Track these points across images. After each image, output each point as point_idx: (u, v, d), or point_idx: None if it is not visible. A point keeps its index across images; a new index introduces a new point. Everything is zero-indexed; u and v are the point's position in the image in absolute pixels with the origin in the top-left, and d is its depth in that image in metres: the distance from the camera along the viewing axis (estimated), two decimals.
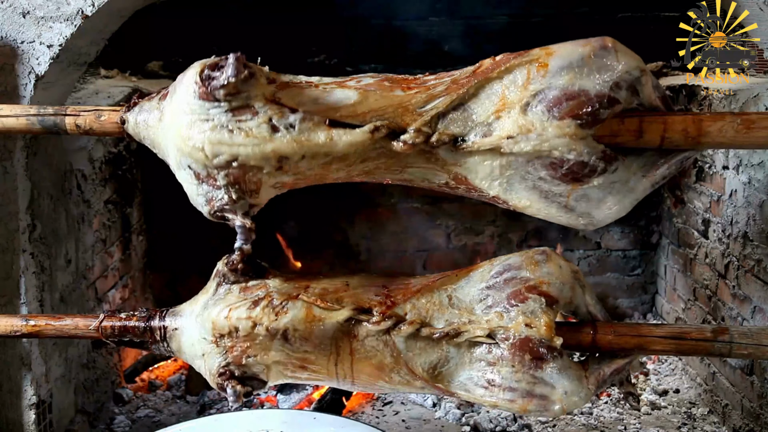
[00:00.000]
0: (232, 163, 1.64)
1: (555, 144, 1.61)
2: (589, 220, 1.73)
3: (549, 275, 1.75)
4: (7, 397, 2.27)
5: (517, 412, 1.75)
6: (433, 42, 3.30)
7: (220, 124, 1.63)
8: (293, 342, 1.74)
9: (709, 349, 1.80)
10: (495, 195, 1.71)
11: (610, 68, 1.62)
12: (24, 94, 2.16)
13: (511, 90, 1.65)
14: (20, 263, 2.23)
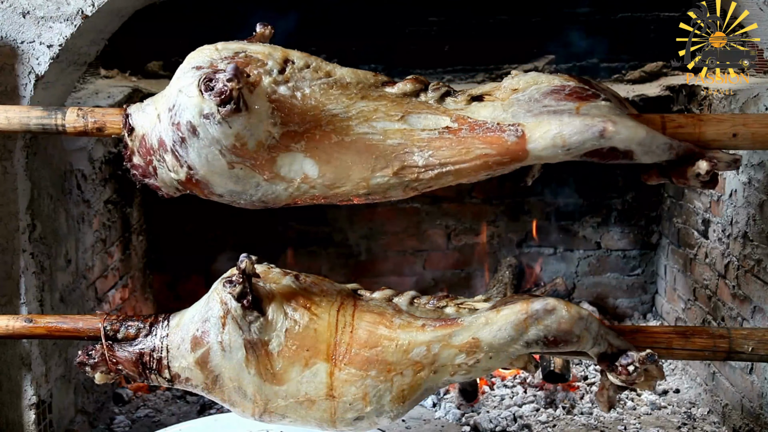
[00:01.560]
0: (239, 53, 1.75)
1: (551, 78, 1.77)
2: (607, 119, 1.71)
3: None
4: (7, 397, 2.27)
5: (522, 312, 1.78)
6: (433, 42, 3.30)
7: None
8: (303, 282, 1.87)
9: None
10: (500, 122, 1.75)
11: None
12: (24, 94, 2.16)
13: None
14: (20, 263, 2.23)
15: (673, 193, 3.38)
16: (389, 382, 1.77)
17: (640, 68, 3.22)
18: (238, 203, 1.82)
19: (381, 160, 1.74)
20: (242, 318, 1.75)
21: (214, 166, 1.73)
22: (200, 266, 3.48)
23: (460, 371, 1.78)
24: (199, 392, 1.86)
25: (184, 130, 1.70)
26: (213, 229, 3.52)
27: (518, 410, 2.81)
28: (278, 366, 1.78)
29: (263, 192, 1.78)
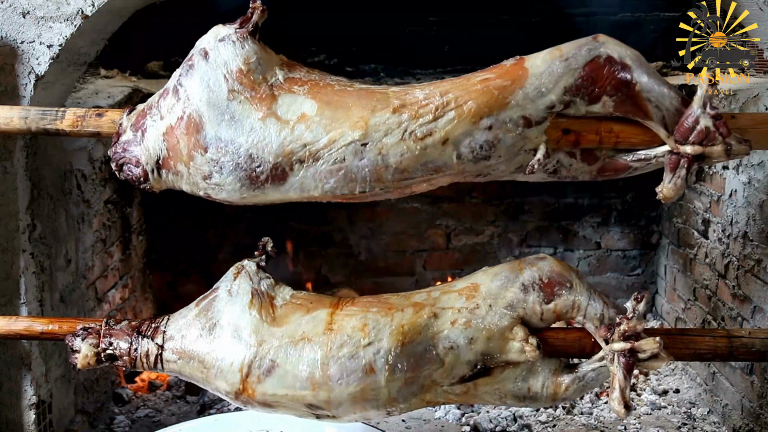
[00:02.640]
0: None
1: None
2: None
3: None
4: (7, 397, 2.27)
5: (516, 261, 1.88)
6: (433, 42, 3.30)
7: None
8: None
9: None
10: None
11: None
12: (24, 94, 2.16)
13: None
14: (20, 263, 2.23)
15: None
16: (389, 317, 1.77)
17: None
18: (220, 175, 1.74)
19: (382, 101, 1.72)
20: (255, 273, 1.85)
21: (213, 93, 1.72)
22: (200, 266, 3.48)
23: (461, 319, 1.75)
24: (185, 353, 1.82)
25: (195, 59, 1.75)
26: (213, 229, 3.52)
27: (518, 410, 2.81)
28: (279, 312, 1.81)
29: (253, 141, 1.70)
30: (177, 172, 1.79)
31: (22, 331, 1.95)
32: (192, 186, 1.79)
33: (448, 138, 1.69)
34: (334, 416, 1.80)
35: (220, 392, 1.82)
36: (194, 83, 1.73)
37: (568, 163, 1.77)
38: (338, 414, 1.79)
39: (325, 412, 1.78)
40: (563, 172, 1.78)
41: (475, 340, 1.75)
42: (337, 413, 1.78)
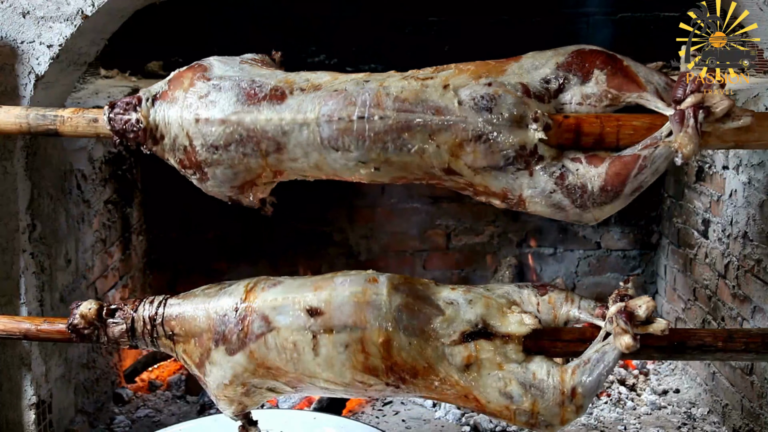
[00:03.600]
0: None
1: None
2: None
3: None
4: (7, 397, 2.27)
5: None
6: (433, 42, 3.30)
7: None
8: None
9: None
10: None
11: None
12: (24, 94, 2.16)
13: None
14: (20, 263, 2.23)
15: (673, 193, 3.38)
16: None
17: None
18: (217, 93, 1.78)
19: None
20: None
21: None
22: (200, 266, 3.49)
23: (460, 290, 1.88)
24: (188, 294, 1.88)
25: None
26: (213, 229, 3.52)
27: None
28: None
29: (259, 72, 1.81)
30: (173, 98, 1.79)
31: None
32: (183, 110, 1.76)
33: (449, 84, 1.71)
34: (331, 329, 1.73)
35: (220, 312, 1.79)
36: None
37: (575, 168, 1.73)
38: (336, 319, 1.73)
39: (324, 319, 1.74)
40: (570, 179, 1.72)
41: (474, 302, 1.77)
42: (337, 319, 1.73)
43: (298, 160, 1.73)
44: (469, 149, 1.69)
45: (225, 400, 1.82)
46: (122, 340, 1.85)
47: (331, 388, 1.79)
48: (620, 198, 1.74)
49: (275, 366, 1.76)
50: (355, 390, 1.78)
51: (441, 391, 1.76)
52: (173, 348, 1.84)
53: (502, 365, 1.73)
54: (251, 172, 1.77)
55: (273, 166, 1.75)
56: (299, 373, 1.76)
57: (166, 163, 1.85)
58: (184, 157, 1.77)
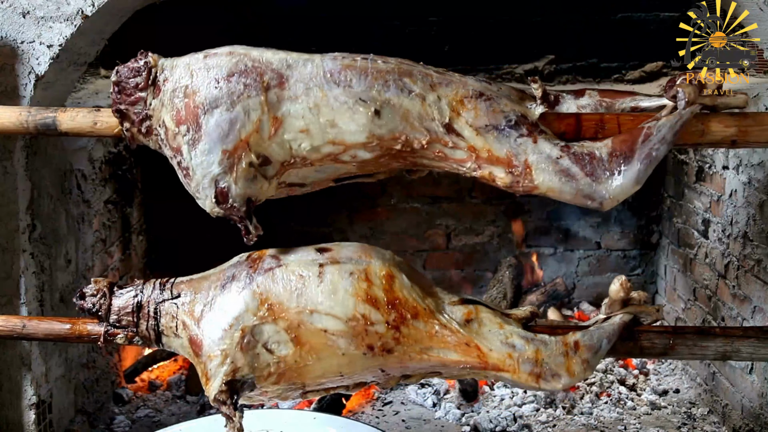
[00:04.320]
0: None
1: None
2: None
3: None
4: (7, 397, 2.27)
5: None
6: (433, 42, 3.30)
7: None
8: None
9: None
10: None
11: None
12: (24, 94, 2.16)
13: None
14: (20, 263, 2.23)
15: (673, 193, 3.38)
16: None
17: (640, 68, 3.22)
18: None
19: None
20: None
21: None
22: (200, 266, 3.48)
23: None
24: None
25: None
26: (213, 229, 3.51)
27: (518, 410, 2.81)
28: None
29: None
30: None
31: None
32: (191, 55, 1.79)
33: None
34: (337, 261, 1.78)
35: (231, 262, 1.90)
36: None
37: (579, 143, 1.69)
38: (343, 255, 1.78)
39: (332, 254, 1.79)
40: (576, 148, 1.67)
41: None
42: (344, 255, 1.78)
43: (298, 99, 1.68)
44: (470, 106, 1.68)
45: (219, 356, 1.73)
46: (126, 311, 1.82)
47: (330, 329, 1.71)
48: (632, 164, 1.63)
49: (278, 301, 1.72)
50: (355, 333, 1.70)
51: (442, 338, 1.71)
52: (176, 315, 1.80)
53: (503, 325, 1.72)
54: (248, 121, 1.68)
55: (272, 107, 1.68)
56: (301, 309, 1.71)
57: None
58: (182, 105, 1.72)
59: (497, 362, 1.69)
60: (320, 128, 1.68)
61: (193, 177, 1.72)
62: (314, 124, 1.68)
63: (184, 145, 1.71)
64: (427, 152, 1.69)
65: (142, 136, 1.78)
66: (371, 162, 1.71)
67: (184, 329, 1.79)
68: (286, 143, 1.69)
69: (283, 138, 1.68)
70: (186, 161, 1.71)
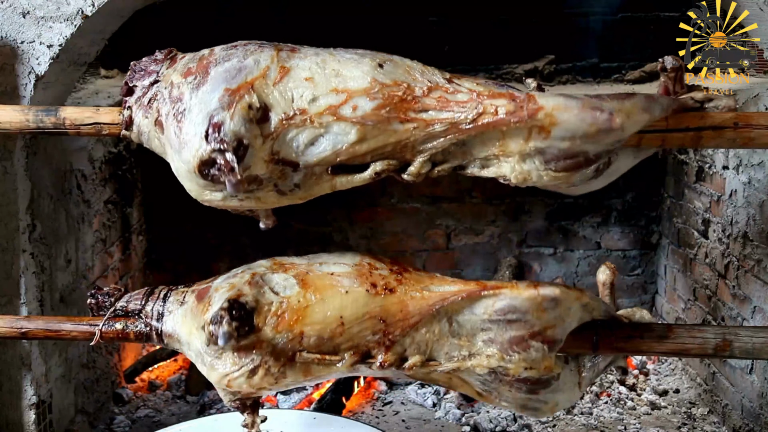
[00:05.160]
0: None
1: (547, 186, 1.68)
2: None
3: (555, 319, 1.71)
4: (7, 397, 2.27)
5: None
6: (433, 42, 3.30)
7: (229, 196, 1.69)
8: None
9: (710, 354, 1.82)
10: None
11: (615, 141, 1.62)
12: (24, 94, 2.16)
13: (511, 141, 1.65)
14: (20, 263, 2.23)
15: (673, 193, 3.38)
16: None
17: (640, 68, 3.22)
18: None
19: None
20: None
21: None
22: (200, 266, 3.48)
23: None
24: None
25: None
26: (213, 229, 3.52)
27: None
28: None
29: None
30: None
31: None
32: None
33: None
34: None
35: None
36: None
37: None
38: None
39: None
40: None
41: None
42: None
43: (307, 57, 1.70)
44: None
45: (226, 286, 1.73)
46: (136, 296, 1.84)
47: (337, 272, 1.75)
48: (631, 96, 1.64)
49: (290, 261, 1.85)
50: (360, 273, 1.74)
51: (442, 278, 1.77)
52: (184, 292, 1.81)
53: None
54: (256, 68, 1.66)
55: (282, 59, 1.68)
56: (311, 263, 1.81)
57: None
58: (195, 64, 1.70)
59: (495, 283, 1.73)
60: (325, 77, 1.66)
61: (187, 118, 1.65)
62: (319, 74, 1.67)
63: (187, 91, 1.67)
64: (429, 100, 1.66)
65: (142, 113, 1.74)
66: (371, 117, 1.64)
67: (192, 293, 1.80)
68: (289, 92, 1.65)
69: (287, 86, 1.65)
70: (185, 104, 1.66)
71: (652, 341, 1.80)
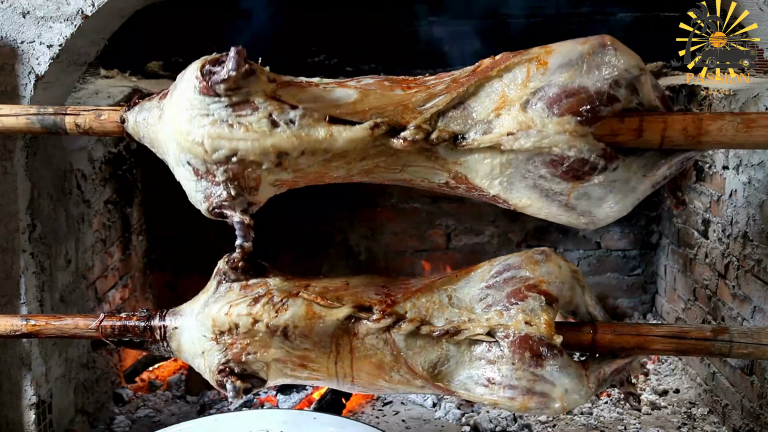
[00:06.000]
0: (232, 158, 1.65)
1: (555, 140, 1.62)
2: (590, 219, 1.73)
3: (548, 274, 1.77)
4: (7, 397, 2.27)
5: (518, 411, 1.75)
6: (433, 42, 3.30)
7: (220, 118, 1.64)
8: (293, 339, 1.75)
9: (709, 348, 1.80)
10: (495, 194, 1.72)
11: (610, 66, 1.64)
12: (24, 94, 2.16)
13: (510, 88, 1.66)
14: (20, 263, 2.23)
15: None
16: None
17: None
18: None
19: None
20: (246, 392, 1.79)
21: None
22: (200, 266, 3.47)
23: None
24: None
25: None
26: (213, 229, 3.51)
27: None
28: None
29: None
30: None
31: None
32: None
33: None
34: None
35: None
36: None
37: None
38: None
39: None
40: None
41: None
42: None
43: None
44: None
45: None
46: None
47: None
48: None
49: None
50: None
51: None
52: None
53: None
54: None
55: None
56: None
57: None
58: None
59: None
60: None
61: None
62: None
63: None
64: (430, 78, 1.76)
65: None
66: (373, 85, 1.70)
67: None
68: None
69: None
70: None
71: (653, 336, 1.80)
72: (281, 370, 1.79)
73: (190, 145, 1.66)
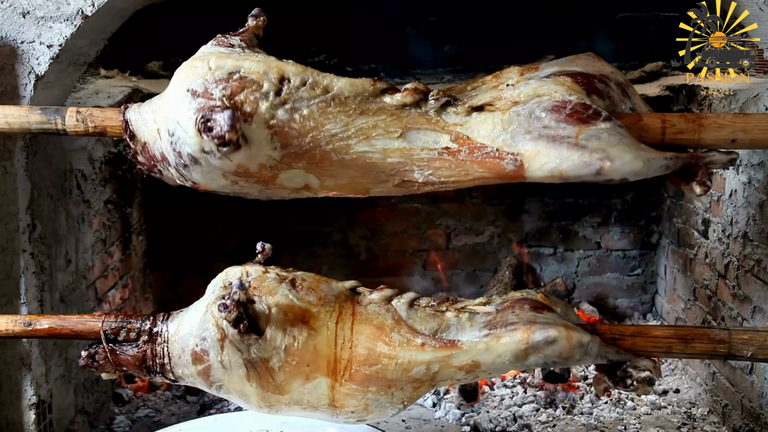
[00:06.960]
0: (233, 74, 1.70)
1: (554, 88, 1.71)
2: (604, 156, 1.67)
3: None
4: (7, 397, 2.27)
5: (523, 343, 1.74)
6: (433, 42, 3.30)
7: (232, 51, 1.77)
8: (300, 290, 1.82)
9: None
10: (499, 147, 1.73)
11: (600, 67, 1.82)
12: (24, 94, 2.16)
13: (508, 76, 1.82)
14: (20, 263, 2.23)
15: (673, 193, 3.38)
16: (390, 395, 1.80)
17: (640, 68, 3.22)
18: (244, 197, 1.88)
19: (381, 175, 1.79)
20: (240, 342, 1.74)
21: (218, 183, 1.78)
22: (201, 266, 3.48)
23: (459, 383, 1.93)
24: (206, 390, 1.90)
25: (186, 159, 1.73)
26: (213, 229, 3.52)
27: (518, 410, 2.81)
28: (279, 379, 1.78)
29: (267, 194, 1.84)
30: None
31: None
32: None
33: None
34: None
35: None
36: (196, 176, 1.79)
37: None
38: None
39: None
40: None
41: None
42: None
43: None
44: None
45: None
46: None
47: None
48: None
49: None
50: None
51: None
52: None
53: None
54: None
55: None
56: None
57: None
58: None
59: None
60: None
61: None
62: None
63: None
64: None
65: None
66: None
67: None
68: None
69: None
70: None
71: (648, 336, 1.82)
72: (281, 324, 1.76)
73: (193, 67, 1.72)
